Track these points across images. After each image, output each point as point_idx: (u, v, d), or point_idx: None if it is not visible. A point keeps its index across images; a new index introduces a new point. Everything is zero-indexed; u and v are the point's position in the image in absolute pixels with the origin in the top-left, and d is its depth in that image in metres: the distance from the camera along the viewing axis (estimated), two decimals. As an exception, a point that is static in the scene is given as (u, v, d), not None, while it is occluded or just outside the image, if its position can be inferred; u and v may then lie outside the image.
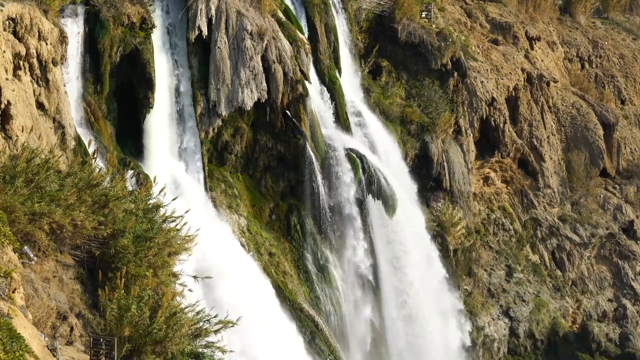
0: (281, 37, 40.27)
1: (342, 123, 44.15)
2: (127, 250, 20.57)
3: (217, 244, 34.30)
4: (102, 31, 34.54)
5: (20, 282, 16.87)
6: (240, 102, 38.53)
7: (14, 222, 19.04)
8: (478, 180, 54.07)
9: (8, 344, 14.12)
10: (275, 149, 40.76)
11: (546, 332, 52.71)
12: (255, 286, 36.16)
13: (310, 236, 41.10)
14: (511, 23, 60.11)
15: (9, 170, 20.22)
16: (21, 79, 28.80)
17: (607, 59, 67.27)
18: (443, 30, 50.86)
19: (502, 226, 54.38)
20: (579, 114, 60.08)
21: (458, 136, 50.90)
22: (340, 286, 41.77)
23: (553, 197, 56.63)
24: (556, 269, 55.55)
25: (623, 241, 57.91)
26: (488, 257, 52.95)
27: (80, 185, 21.11)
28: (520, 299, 52.39)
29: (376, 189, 42.64)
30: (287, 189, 41.34)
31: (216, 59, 38.21)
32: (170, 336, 18.89)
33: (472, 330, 49.17)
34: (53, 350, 16.93)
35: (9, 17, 28.65)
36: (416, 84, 50.01)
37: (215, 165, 39.35)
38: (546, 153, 56.48)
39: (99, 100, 34.92)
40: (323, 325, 39.15)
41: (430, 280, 45.99)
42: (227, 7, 38.66)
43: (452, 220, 48.88)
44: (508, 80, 55.30)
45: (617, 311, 56.32)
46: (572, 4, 68.45)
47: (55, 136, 29.87)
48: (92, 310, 20.19)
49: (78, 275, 20.87)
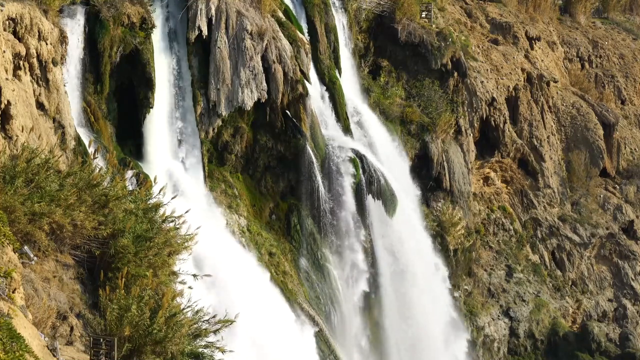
0: (281, 37, 40.27)
1: (342, 123, 44.16)
2: (127, 250, 20.56)
3: (216, 242, 34.31)
4: (102, 31, 34.54)
5: (20, 282, 16.87)
6: (240, 102, 38.54)
7: (14, 222, 19.03)
8: (478, 180, 54.07)
9: (8, 344, 14.12)
10: (275, 149, 40.76)
11: (546, 332, 52.71)
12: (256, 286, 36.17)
13: (310, 236, 41.09)
14: (511, 23, 60.11)
15: (9, 170, 20.22)
16: (21, 79, 28.80)
17: (607, 59, 67.27)
18: (443, 30, 50.86)
19: (502, 226, 54.38)
20: (579, 114, 60.07)
21: (458, 136, 50.89)
22: (340, 286, 41.76)
23: (553, 197, 56.62)
24: (556, 269, 55.54)
25: (623, 241, 57.90)
26: (488, 257, 52.94)
27: (80, 185, 21.11)
28: (520, 299, 52.39)
29: (376, 189, 42.64)
30: (287, 189, 41.33)
31: (216, 59, 38.21)
32: (170, 336, 18.89)
33: (472, 330, 49.18)
34: (53, 350, 16.93)
35: (9, 17, 28.65)
36: (416, 84, 50.02)
37: (215, 165, 39.35)
38: (546, 153, 56.48)
39: (99, 100, 34.92)
40: (323, 325, 39.15)
41: (430, 281, 45.98)
42: (227, 7, 38.67)
43: (452, 220, 48.88)
44: (508, 80, 55.29)
45: (617, 311, 56.32)
46: (572, 4, 68.45)
47: (55, 136, 29.87)
48: (92, 310, 20.20)
49: (78, 275, 20.87)
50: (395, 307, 43.94)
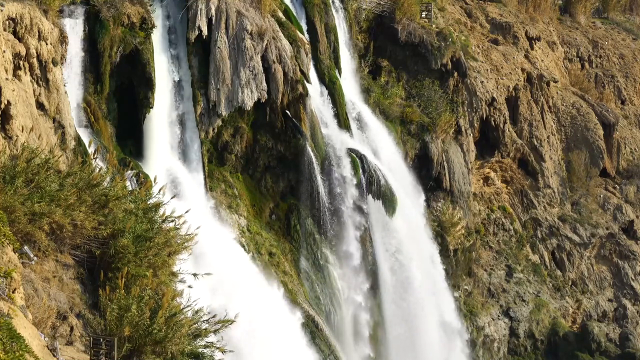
0: (281, 37, 40.28)
1: (342, 123, 44.15)
2: (127, 250, 20.56)
3: (217, 243, 34.29)
4: (102, 31, 34.55)
5: (20, 282, 16.87)
6: (240, 102, 38.55)
7: (14, 222, 19.03)
8: (478, 180, 54.07)
9: (8, 344, 14.12)
10: (275, 149, 40.76)
11: (546, 332, 52.71)
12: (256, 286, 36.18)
13: (310, 236, 41.10)
14: (511, 23, 60.10)
15: (9, 170, 20.21)
16: (21, 79, 28.80)
17: (607, 59, 67.27)
18: (443, 30, 50.86)
19: (502, 226, 54.38)
20: (579, 114, 60.08)
21: (458, 136, 50.89)
22: (340, 286, 41.77)
23: (553, 197, 56.62)
24: (556, 269, 55.54)
25: (623, 241, 57.90)
26: (488, 257, 52.94)
27: (80, 185, 21.10)
28: (520, 299, 52.39)
29: (376, 189, 42.65)
30: (287, 189, 41.33)
31: (216, 59, 38.22)
32: (170, 336, 18.89)
33: (472, 330, 49.17)
34: (53, 350, 16.94)
35: (9, 17, 28.65)
36: (416, 84, 50.02)
37: (215, 165, 39.35)
38: (546, 153, 56.48)
39: (99, 100, 34.92)
40: (323, 325, 39.15)
41: (430, 279, 45.97)
42: (227, 7, 38.67)
43: (452, 220, 48.89)
44: (508, 80, 55.29)
45: (617, 311, 56.32)
46: (572, 4, 68.45)
47: (55, 136, 29.87)
48: (92, 310, 20.19)
49: (78, 275, 20.86)
50: (395, 306, 43.93)
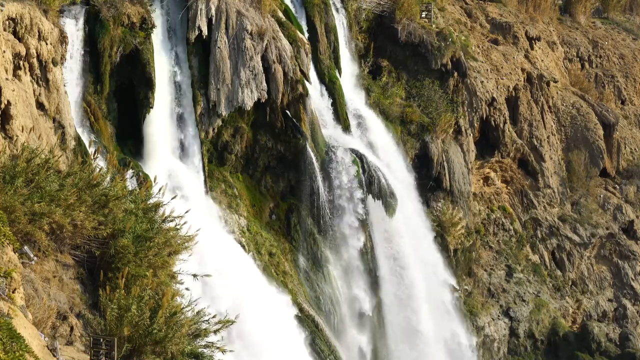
0: (281, 37, 40.27)
1: (342, 123, 44.16)
2: (127, 250, 20.55)
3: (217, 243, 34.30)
4: (102, 31, 34.54)
5: (20, 282, 16.87)
6: (240, 102, 38.55)
7: (14, 222, 19.02)
8: (478, 180, 54.07)
9: (8, 344, 14.12)
10: (275, 149, 40.77)
11: (546, 332, 52.71)
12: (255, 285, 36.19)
13: (310, 236, 41.11)
14: (511, 23, 60.11)
15: (9, 170, 20.20)
16: (21, 79, 28.81)
17: (607, 59, 67.27)
18: (443, 30, 50.86)
19: (502, 226, 54.38)
20: (579, 114, 60.07)
21: (458, 136, 50.89)
22: (340, 286, 41.77)
23: (553, 197, 56.62)
24: (556, 269, 55.54)
25: (623, 241, 57.91)
26: (488, 257, 52.94)
27: (80, 185, 21.10)
28: (520, 299, 52.39)
29: (376, 189, 42.65)
30: (287, 188, 41.34)
31: (216, 59, 38.22)
32: (170, 336, 18.89)
33: (472, 330, 49.18)
34: (53, 350, 16.93)
35: (9, 17, 28.65)
36: (416, 84, 50.01)
37: (215, 165, 39.35)
38: (546, 153, 56.48)
39: (99, 100, 34.93)
40: (323, 325, 39.15)
41: (430, 279, 45.99)
42: (227, 7, 38.67)
43: (452, 220, 48.89)
44: (508, 80, 55.29)
45: (617, 311, 56.32)
46: (572, 4, 68.45)
47: (55, 136, 29.87)
48: (92, 310, 20.19)
49: (78, 275, 20.86)
50: (395, 306, 43.95)
